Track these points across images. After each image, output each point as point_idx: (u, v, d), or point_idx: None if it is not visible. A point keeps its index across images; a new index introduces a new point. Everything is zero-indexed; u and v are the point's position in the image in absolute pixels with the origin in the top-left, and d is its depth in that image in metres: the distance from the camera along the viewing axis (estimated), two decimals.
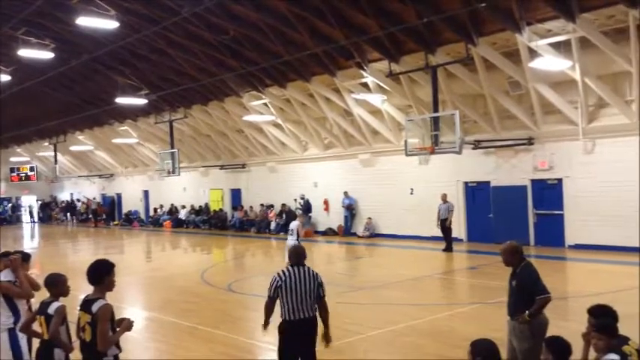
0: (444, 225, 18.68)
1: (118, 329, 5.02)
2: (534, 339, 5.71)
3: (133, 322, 5.13)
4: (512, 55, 16.64)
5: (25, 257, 6.68)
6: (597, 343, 4.50)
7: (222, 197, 31.75)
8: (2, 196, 45.76)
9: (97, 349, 4.82)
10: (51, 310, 5.37)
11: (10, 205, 45.36)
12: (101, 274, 5.05)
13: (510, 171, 19.20)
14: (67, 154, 41.11)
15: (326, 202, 25.53)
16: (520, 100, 18.29)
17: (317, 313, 6.09)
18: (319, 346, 6.20)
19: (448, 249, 18.45)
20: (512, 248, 6.15)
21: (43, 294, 5.71)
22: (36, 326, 5.67)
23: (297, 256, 6.15)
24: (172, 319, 10.74)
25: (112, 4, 17.41)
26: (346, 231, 24.47)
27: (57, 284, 5.55)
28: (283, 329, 5.99)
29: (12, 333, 6.07)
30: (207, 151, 31.48)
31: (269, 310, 6.09)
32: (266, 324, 6.18)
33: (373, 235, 23.32)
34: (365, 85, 20.71)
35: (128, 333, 5.22)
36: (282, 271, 6.04)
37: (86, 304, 4.95)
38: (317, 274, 6.12)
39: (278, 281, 5.96)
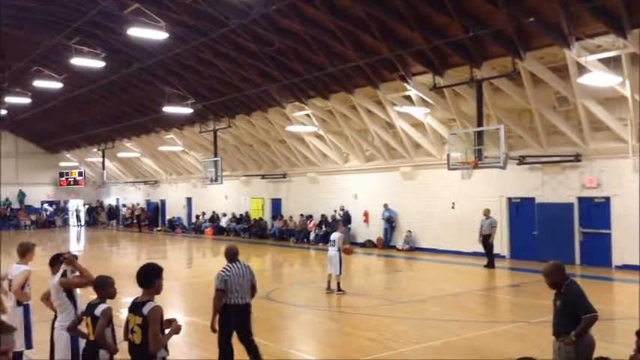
0: (487, 241, 18.41)
1: (167, 331, 5.10)
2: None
3: (180, 325, 5.21)
4: (560, 70, 16.33)
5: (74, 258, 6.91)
6: None
7: (263, 206, 32.01)
8: (50, 200, 47.19)
9: (147, 350, 4.89)
10: (98, 311, 5.49)
11: (53, 207, 46.57)
12: (151, 277, 5.16)
13: (556, 188, 18.79)
14: (115, 160, 42.17)
15: (366, 214, 25.46)
16: (567, 116, 17.92)
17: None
18: None
19: (490, 265, 18.15)
20: (555, 268, 6.00)
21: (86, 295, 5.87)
22: (82, 327, 5.82)
23: (232, 255, 7.65)
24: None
25: (161, 16, 17.90)
26: (385, 244, 24.33)
27: (104, 286, 5.69)
28: (227, 312, 7.36)
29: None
30: (249, 161, 31.84)
31: (220, 300, 7.36)
32: (217, 312, 7.37)
33: (413, 248, 23.12)
34: (408, 98, 20.63)
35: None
36: (225, 268, 7.47)
37: (136, 307, 5.04)
38: (249, 266, 7.70)
39: (224, 275, 7.39)
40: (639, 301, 10.31)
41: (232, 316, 7.42)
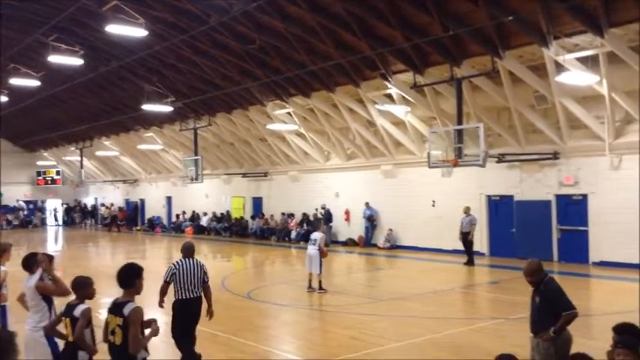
0: (466, 238, 18.56)
1: (147, 332, 5.06)
2: (558, 356, 5.63)
3: (158, 327, 5.17)
4: (539, 68, 16.51)
5: (49, 259, 6.80)
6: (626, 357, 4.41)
7: (244, 205, 31.91)
8: (28, 199, 46.52)
9: (127, 351, 4.84)
10: (77, 312, 5.43)
11: (30, 206, 45.91)
12: (132, 277, 5.11)
13: (535, 185, 19.00)
14: (93, 159, 41.72)
15: (347, 213, 25.50)
16: (546, 115, 18.13)
17: (202, 294, 7.86)
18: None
19: (470, 263, 18.29)
20: (536, 267, 6.06)
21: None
22: (60, 328, 5.75)
23: (188, 250, 8.00)
24: None
25: (141, 13, 17.72)
26: (367, 242, 24.39)
27: (83, 287, 5.62)
28: (176, 306, 7.76)
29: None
30: (230, 159, 31.70)
31: (164, 292, 7.85)
32: (161, 302, 7.85)
33: (394, 246, 23.21)
34: (389, 97, 20.70)
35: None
36: (176, 262, 7.86)
37: (116, 308, 4.99)
38: (203, 264, 8.00)
39: (173, 269, 7.76)
40: None
41: (182, 311, 7.79)
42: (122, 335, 4.87)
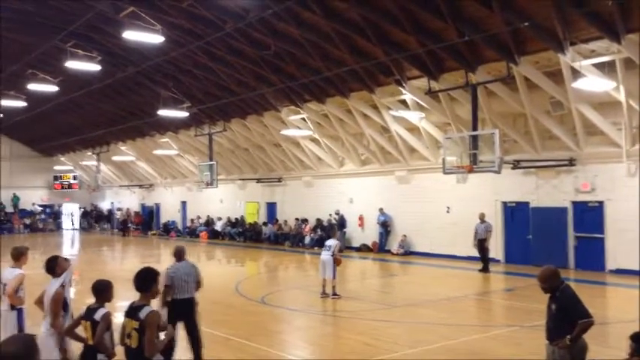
0: (482, 245, 18.45)
1: (162, 336, 5.09)
2: None
3: (174, 331, 5.20)
4: (555, 74, 16.39)
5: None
6: None
7: (258, 210, 31.99)
8: (44, 204, 47.00)
9: (143, 355, 4.87)
10: (97, 316, 5.46)
11: (45, 210, 46.34)
12: (148, 281, 5.17)
13: (551, 192, 18.85)
14: (109, 163, 42.06)
15: (361, 219, 25.46)
16: (562, 121, 17.99)
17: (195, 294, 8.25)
18: None
19: (485, 269, 18.17)
20: (550, 273, 6.00)
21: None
22: (79, 330, 5.79)
23: (179, 254, 8.40)
24: (206, 329, 10.78)
25: (157, 19, 17.88)
26: (380, 248, 24.33)
27: (103, 290, 5.67)
28: (173, 306, 8.02)
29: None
30: (244, 165, 31.82)
31: (166, 296, 8.05)
32: (165, 304, 8.00)
33: (408, 252, 23.13)
34: (403, 102, 20.68)
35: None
36: (172, 265, 8.25)
37: (133, 311, 5.03)
38: (196, 265, 8.45)
39: (171, 273, 8.14)
40: None
41: (178, 310, 8.06)
42: (138, 339, 4.90)
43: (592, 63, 15.03)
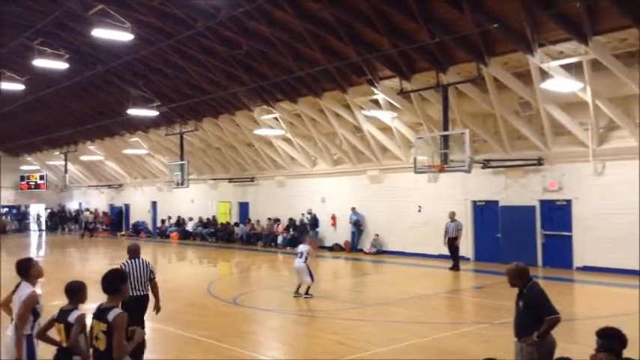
0: (453, 244, 18.64)
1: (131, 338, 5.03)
2: None
3: (144, 332, 5.14)
4: (524, 75, 16.66)
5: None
6: None
7: (230, 210, 31.81)
8: (11, 204, 45.99)
9: (111, 357, 4.81)
10: (71, 318, 5.37)
11: (5, 211, 45.27)
12: (116, 282, 5.08)
13: (519, 191, 19.15)
14: (77, 163, 41.38)
15: (333, 218, 25.51)
16: (530, 121, 18.29)
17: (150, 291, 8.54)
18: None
19: (455, 268, 18.37)
20: (518, 270, 6.10)
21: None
22: (52, 333, 5.69)
23: (133, 252, 8.53)
24: (177, 331, 10.73)
25: (127, 17, 17.64)
26: (353, 247, 24.42)
27: (78, 292, 5.57)
28: (125, 303, 7.92)
29: (29, 339, 6.05)
30: (216, 164, 31.61)
31: None
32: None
33: (380, 251, 23.26)
34: (375, 102, 20.78)
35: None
36: (124, 263, 8.41)
37: (101, 313, 4.94)
38: (149, 263, 8.61)
39: (123, 269, 7.87)
40: None
41: (130, 308, 8.13)
42: (106, 341, 4.83)
43: (560, 64, 15.31)
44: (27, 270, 6.32)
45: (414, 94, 18.82)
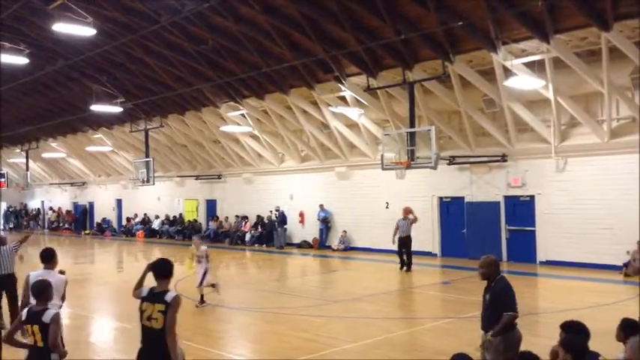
0: (406, 242, 17.75)
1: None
2: (508, 354, 5.77)
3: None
4: (488, 73, 16.92)
5: None
6: (565, 358, 4.53)
7: (197, 208, 31.51)
8: None
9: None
10: (46, 318, 5.33)
11: None
12: (167, 269, 5.69)
13: (484, 187, 19.44)
14: (39, 161, 40.45)
15: (301, 215, 25.50)
16: (495, 118, 18.58)
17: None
18: None
19: (409, 267, 17.66)
20: (491, 261, 6.23)
21: None
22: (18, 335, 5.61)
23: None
24: None
25: (89, 12, 17.25)
26: (321, 244, 24.44)
27: (45, 290, 5.56)
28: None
29: None
30: (182, 161, 31.26)
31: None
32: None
33: (348, 248, 23.34)
34: (343, 99, 20.82)
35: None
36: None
37: (155, 296, 5.45)
38: (13, 248, 10.54)
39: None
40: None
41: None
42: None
43: (523, 62, 15.59)
44: None
45: (380, 91, 18.92)
